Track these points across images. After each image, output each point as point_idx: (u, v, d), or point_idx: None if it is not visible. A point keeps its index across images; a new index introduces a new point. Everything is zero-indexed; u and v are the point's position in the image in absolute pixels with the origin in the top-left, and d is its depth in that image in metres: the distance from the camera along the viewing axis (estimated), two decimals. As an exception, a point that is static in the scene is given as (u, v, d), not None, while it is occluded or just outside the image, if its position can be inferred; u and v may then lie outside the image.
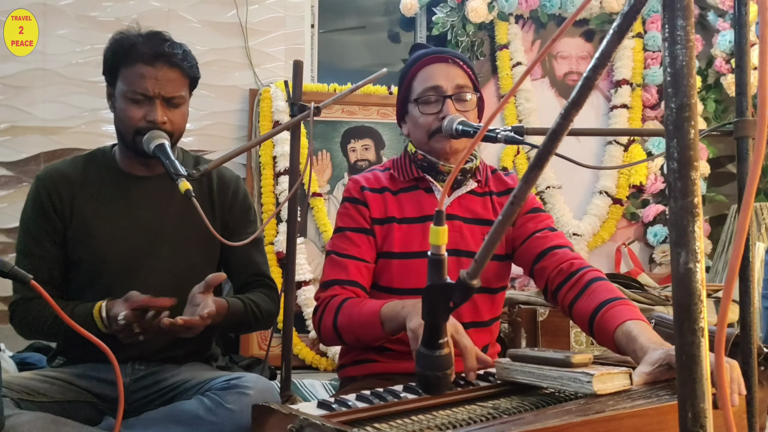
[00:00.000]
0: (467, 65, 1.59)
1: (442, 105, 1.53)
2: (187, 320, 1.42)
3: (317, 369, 3.00)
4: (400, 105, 1.65)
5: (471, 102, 1.56)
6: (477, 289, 1.55)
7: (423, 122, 1.55)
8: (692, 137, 0.65)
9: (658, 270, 3.46)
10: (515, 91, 0.82)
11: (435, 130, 1.53)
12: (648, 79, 3.54)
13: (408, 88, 1.60)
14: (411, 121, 1.60)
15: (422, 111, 1.55)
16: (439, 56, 1.58)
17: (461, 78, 1.55)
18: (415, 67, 1.59)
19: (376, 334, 1.38)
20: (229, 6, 3.31)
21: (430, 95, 1.54)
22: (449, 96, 1.53)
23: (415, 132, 1.59)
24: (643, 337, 1.20)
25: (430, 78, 1.55)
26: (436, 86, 1.54)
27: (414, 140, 1.60)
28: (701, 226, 0.65)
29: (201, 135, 3.26)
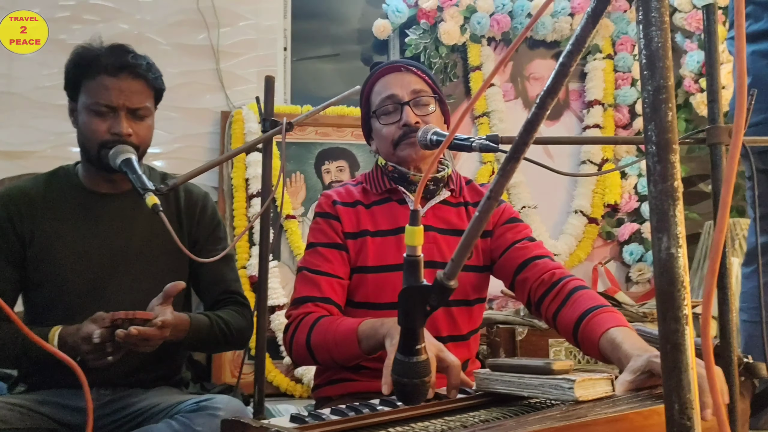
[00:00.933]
0: (422, 71, 1.58)
1: (401, 113, 1.52)
2: (142, 330, 1.36)
3: (292, 396, 2.92)
4: (364, 123, 1.64)
5: (431, 107, 1.54)
6: (454, 299, 1.53)
7: (386, 133, 1.54)
8: (670, 119, 0.63)
9: (634, 289, 3.47)
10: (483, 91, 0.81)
11: (398, 138, 1.51)
12: (619, 99, 3.59)
13: (367, 104, 1.60)
14: (376, 135, 1.59)
15: (383, 122, 1.54)
16: (391, 66, 1.58)
17: (417, 84, 1.54)
18: (371, 81, 1.59)
19: (353, 353, 1.34)
20: (200, 29, 3.29)
21: (387, 105, 1.53)
22: (406, 102, 1.52)
23: (381, 144, 1.57)
24: (628, 344, 1.18)
25: (385, 88, 1.55)
26: (391, 95, 1.53)
27: (382, 153, 1.59)
28: (682, 210, 0.63)
29: (172, 158, 3.20)
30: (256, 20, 3.37)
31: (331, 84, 3.69)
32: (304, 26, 3.61)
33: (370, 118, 1.59)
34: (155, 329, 1.36)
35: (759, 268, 1.83)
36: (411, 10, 3.50)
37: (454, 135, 0.85)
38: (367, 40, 3.70)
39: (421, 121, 1.51)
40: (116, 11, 3.25)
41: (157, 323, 1.37)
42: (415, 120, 1.50)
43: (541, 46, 3.68)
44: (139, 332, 1.34)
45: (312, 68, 3.66)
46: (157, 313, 1.41)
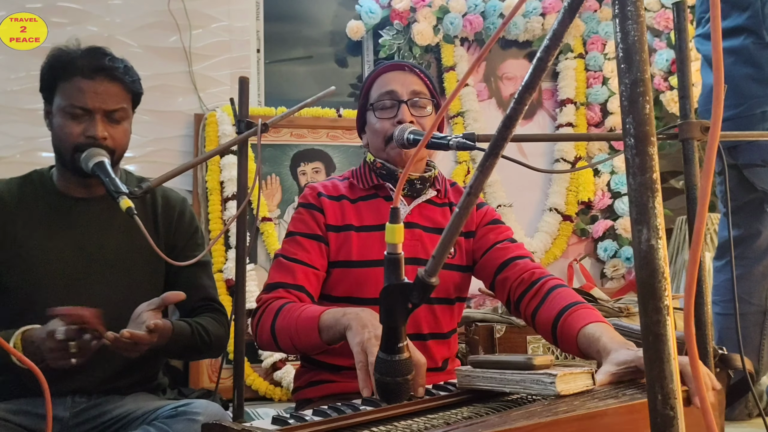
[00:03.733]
0: (425, 74, 1.59)
1: (397, 110, 1.52)
2: (134, 333, 1.32)
3: (271, 399, 2.90)
4: (360, 114, 1.64)
5: (427, 109, 1.55)
6: (437, 297, 1.53)
7: (379, 128, 1.54)
8: (647, 112, 0.63)
9: (609, 285, 3.51)
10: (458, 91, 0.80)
11: (391, 135, 1.52)
12: (591, 98, 3.63)
13: (366, 96, 1.60)
14: (369, 129, 1.59)
15: (378, 116, 1.54)
16: (396, 64, 1.60)
17: (417, 85, 1.55)
18: (373, 75, 1.60)
19: (313, 342, 1.30)
20: (172, 31, 3.25)
21: (385, 100, 1.54)
22: (404, 101, 1.52)
23: (373, 139, 1.57)
24: (606, 337, 1.18)
25: (386, 84, 1.55)
26: (391, 91, 1.54)
27: (372, 148, 1.59)
28: (660, 201, 0.64)
29: (145, 161, 3.16)
30: (229, 22, 3.35)
31: (304, 86, 3.68)
32: (276, 28, 3.59)
33: (367, 110, 1.59)
34: (146, 334, 1.34)
35: (732, 261, 1.86)
36: (384, 10, 3.50)
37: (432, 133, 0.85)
38: (340, 41, 3.70)
39: (416, 122, 1.52)
40: (85, 13, 3.20)
41: (149, 326, 1.34)
42: (410, 119, 1.51)
43: (514, 46, 3.71)
44: (131, 335, 1.31)
45: (285, 70, 3.65)
46: (146, 318, 1.38)
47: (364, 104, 1.60)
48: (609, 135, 2.21)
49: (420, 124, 1.52)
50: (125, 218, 1.34)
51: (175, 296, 1.44)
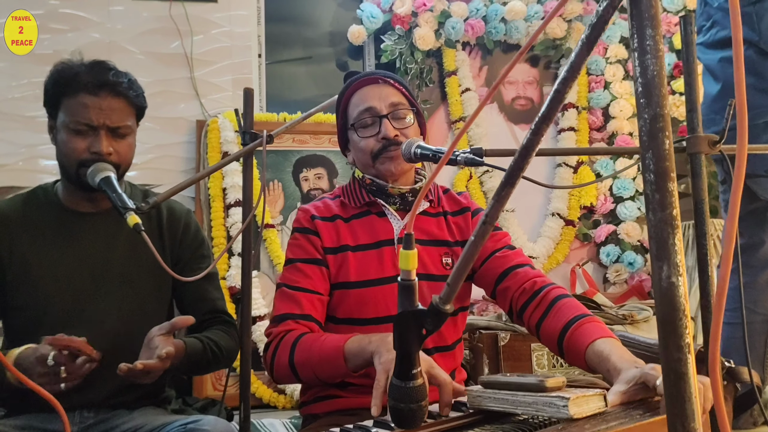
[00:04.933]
0: (399, 83, 1.57)
1: (379, 126, 1.51)
2: (147, 364, 1.32)
3: (275, 407, 2.89)
4: (341, 134, 1.62)
5: (409, 119, 1.54)
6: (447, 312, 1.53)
7: (364, 146, 1.52)
8: (667, 148, 0.63)
9: (612, 289, 3.50)
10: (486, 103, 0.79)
11: (377, 151, 1.51)
12: (593, 102, 3.63)
13: (344, 116, 1.58)
14: (353, 147, 1.57)
15: (361, 135, 1.53)
16: (368, 78, 1.56)
17: (394, 96, 1.54)
18: (347, 92, 1.57)
19: (339, 371, 1.32)
20: (173, 37, 3.25)
21: (365, 118, 1.52)
22: (385, 115, 1.51)
23: (359, 156, 1.56)
24: (615, 355, 1.18)
25: (362, 101, 1.53)
26: (369, 107, 1.52)
27: (359, 165, 1.58)
28: (681, 238, 0.64)
29: (147, 168, 3.16)
30: (230, 27, 3.34)
31: (304, 88, 3.68)
32: (276, 30, 3.59)
33: (347, 130, 1.58)
34: (159, 362, 1.33)
35: (739, 269, 1.86)
36: (385, 15, 3.49)
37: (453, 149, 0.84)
38: (340, 42, 3.70)
39: (400, 134, 1.51)
40: (86, 20, 3.19)
41: (161, 355, 1.33)
42: (394, 133, 1.50)
43: (515, 49, 3.70)
44: (144, 366, 1.31)
45: (285, 71, 3.65)
46: (158, 344, 1.37)
47: (344, 123, 1.58)
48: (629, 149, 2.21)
49: (404, 134, 1.51)
50: (131, 232, 1.34)
51: (185, 321, 1.44)
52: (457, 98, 3.50)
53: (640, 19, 0.64)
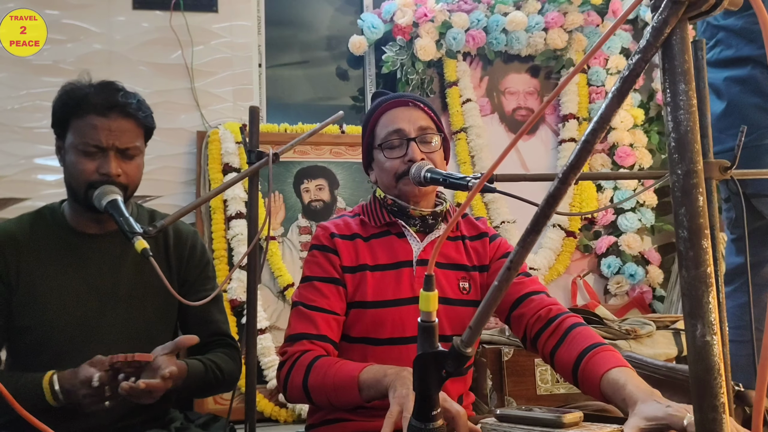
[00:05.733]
0: (428, 107, 1.59)
1: (406, 148, 1.51)
2: (149, 383, 1.32)
3: (277, 421, 2.88)
4: (366, 152, 1.63)
5: (436, 144, 1.55)
6: (454, 335, 1.53)
7: (389, 166, 1.53)
8: (701, 204, 0.63)
9: (613, 301, 3.51)
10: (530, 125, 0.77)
11: (402, 173, 1.51)
12: (593, 113, 3.63)
13: (371, 135, 1.59)
14: (378, 167, 1.58)
15: (387, 156, 1.53)
16: (399, 100, 1.58)
17: (423, 120, 1.55)
18: (377, 113, 1.58)
19: (352, 400, 1.32)
20: (174, 47, 3.23)
21: (393, 139, 1.53)
22: (413, 138, 1.51)
23: (383, 177, 1.56)
24: (631, 384, 1.18)
25: (392, 122, 1.54)
26: (398, 129, 1.53)
27: (382, 185, 1.58)
28: (715, 296, 0.63)
29: (147, 179, 3.06)
30: (231, 38, 3.33)
31: (302, 91, 3.69)
32: (275, 33, 3.59)
33: (374, 149, 1.58)
34: (161, 381, 1.33)
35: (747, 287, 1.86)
36: (386, 25, 3.49)
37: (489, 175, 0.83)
38: (336, 46, 3.70)
39: (426, 158, 1.51)
40: (86, 31, 3.17)
41: (164, 375, 1.33)
42: (421, 156, 1.51)
43: (516, 60, 3.70)
44: (147, 385, 1.31)
45: (283, 75, 3.65)
46: (160, 363, 1.37)
47: (371, 143, 1.59)
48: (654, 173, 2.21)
49: (430, 159, 1.52)
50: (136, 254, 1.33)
51: (189, 340, 1.44)
52: (458, 109, 3.50)
53: (673, 74, 0.64)
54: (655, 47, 0.64)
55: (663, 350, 2.48)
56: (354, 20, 3.64)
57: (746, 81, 1.97)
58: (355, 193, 3.28)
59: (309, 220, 3.20)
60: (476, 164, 3.46)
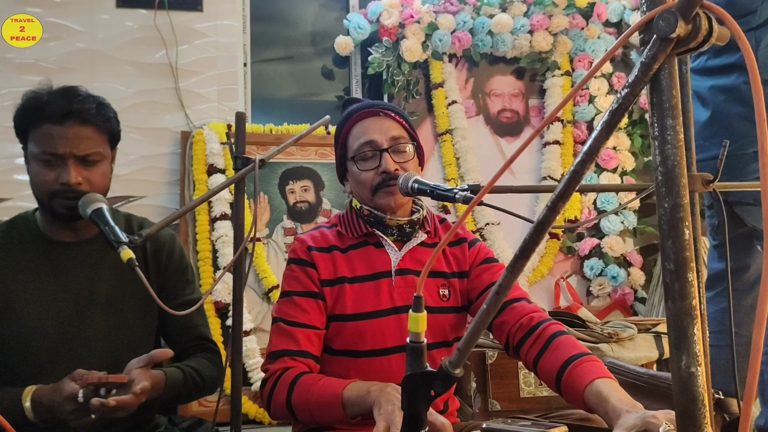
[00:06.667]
0: (400, 115, 1.57)
1: (380, 159, 1.51)
2: (120, 400, 1.32)
3: (261, 423, 2.88)
4: (339, 164, 1.62)
5: (409, 153, 1.55)
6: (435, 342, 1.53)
7: (364, 179, 1.53)
8: (687, 238, 0.64)
9: (595, 303, 3.54)
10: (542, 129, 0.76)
11: (378, 185, 1.51)
12: (578, 116, 3.65)
13: (344, 147, 1.58)
14: (352, 179, 1.57)
15: (361, 168, 1.53)
16: (370, 110, 1.56)
17: (395, 129, 1.54)
18: (348, 124, 1.57)
19: (337, 417, 1.33)
20: (158, 46, 3.20)
21: (366, 151, 1.52)
22: (385, 149, 1.51)
23: (358, 189, 1.56)
24: (614, 397, 1.19)
25: (363, 133, 1.53)
26: (370, 141, 1.52)
27: (358, 197, 1.58)
28: (700, 328, 0.64)
29: (130, 180, 3.11)
30: (216, 38, 3.30)
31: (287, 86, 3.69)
32: (259, 29, 3.58)
33: (347, 161, 1.58)
34: (133, 397, 1.32)
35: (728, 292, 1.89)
36: (372, 26, 3.48)
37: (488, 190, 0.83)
38: (320, 42, 3.70)
39: (400, 168, 1.51)
40: (69, 29, 3.13)
41: (136, 391, 1.32)
42: (395, 167, 1.50)
43: (501, 62, 3.71)
44: (117, 402, 1.30)
45: (268, 70, 3.64)
46: (135, 377, 1.36)
47: (343, 155, 1.58)
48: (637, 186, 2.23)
49: (404, 168, 1.52)
50: (114, 261, 1.32)
51: (163, 354, 1.43)
52: (444, 110, 3.51)
53: (661, 109, 0.65)
54: (644, 82, 0.65)
55: (644, 353, 2.51)
56: (339, 17, 3.64)
57: (731, 90, 1.99)
58: (341, 195, 3.28)
59: (294, 222, 3.20)
60: (461, 166, 3.47)
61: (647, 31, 0.65)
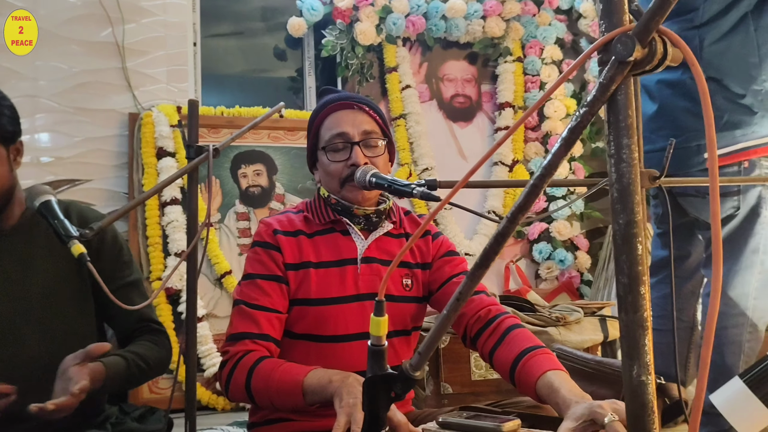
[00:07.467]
0: (374, 110, 1.58)
1: (350, 152, 1.51)
2: (59, 403, 1.27)
3: (214, 409, 2.87)
4: (310, 153, 1.62)
5: (380, 148, 1.55)
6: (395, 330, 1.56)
7: (333, 169, 1.53)
8: (640, 253, 0.67)
9: (543, 285, 3.64)
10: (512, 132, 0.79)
11: (346, 177, 1.51)
12: (529, 102, 3.71)
13: (316, 136, 1.58)
14: (322, 169, 1.57)
15: (331, 159, 1.53)
16: (345, 102, 1.56)
17: (368, 124, 1.54)
18: (322, 114, 1.57)
19: (296, 404, 1.33)
20: (104, 24, 3.09)
21: (337, 143, 1.52)
22: (356, 142, 1.51)
23: (327, 180, 1.56)
24: (565, 389, 1.24)
25: (336, 125, 1.53)
26: (342, 132, 1.52)
27: (326, 187, 1.58)
28: (651, 338, 0.68)
29: (76, 162, 3.02)
30: (164, 17, 3.21)
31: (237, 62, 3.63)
32: (209, 3, 3.50)
33: (318, 150, 1.57)
34: (71, 398, 1.29)
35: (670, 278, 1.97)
36: (326, 7, 3.45)
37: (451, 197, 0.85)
38: (270, 17, 3.64)
39: (370, 162, 1.52)
40: (10, 5, 2.99)
41: (74, 392, 1.29)
42: (364, 161, 1.51)
43: (455, 47, 3.73)
44: (56, 406, 1.27)
45: (218, 45, 3.57)
46: (72, 375, 1.33)
47: (315, 144, 1.58)
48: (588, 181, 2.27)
49: (374, 163, 1.52)
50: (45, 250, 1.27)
51: (100, 348, 1.38)
52: (398, 95, 3.51)
53: (617, 128, 0.67)
54: (602, 102, 0.67)
55: (590, 336, 2.60)
56: (294, 4, 3.58)
57: (677, 85, 2.05)
58: (294, 179, 3.26)
59: (247, 206, 3.16)
60: (415, 150, 3.49)
61: (605, 52, 0.67)
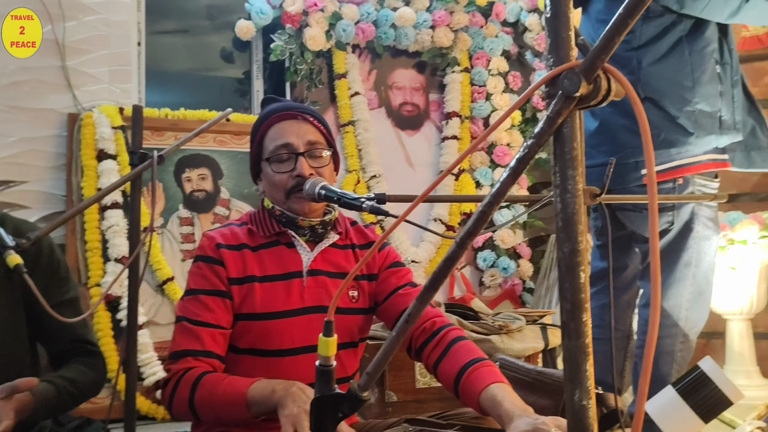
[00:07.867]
0: (319, 120, 1.58)
1: (295, 163, 1.51)
2: None
3: (154, 419, 2.80)
4: (253, 163, 1.60)
5: (325, 158, 1.55)
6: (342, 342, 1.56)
7: (278, 181, 1.52)
8: (583, 281, 0.69)
9: (487, 293, 3.70)
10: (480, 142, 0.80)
11: (291, 188, 1.51)
12: (475, 112, 3.77)
13: (260, 146, 1.56)
14: (266, 180, 1.56)
15: (275, 170, 1.52)
16: (288, 113, 1.55)
17: (313, 134, 1.54)
18: (265, 124, 1.56)
19: (241, 417, 1.32)
20: (43, 21, 2.97)
21: (282, 153, 1.51)
22: (302, 153, 1.51)
23: (272, 191, 1.55)
24: (507, 402, 1.27)
25: (280, 135, 1.52)
26: (287, 143, 1.51)
27: (271, 198, 1.56)
28: (592, 364, 0.70)
29: (10, 163, 2.90)
30: (107, 15, 3.12)
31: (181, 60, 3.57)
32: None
33: (262, 161, 1.56)
34: None
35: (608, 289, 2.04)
36: (275, 11, 3.42)
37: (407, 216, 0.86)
38: (218, 16, 3.60)
39: (315, 173, 1.51)
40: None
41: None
42: (310, 172, 1.50)
43: (404, 55, 3.76)
44: None
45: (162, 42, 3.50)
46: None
47: (259, 154, 1.57)
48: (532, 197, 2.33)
49: (319, 173, 1.52)
50: None
51: (27, 383, 1.34)
52: (347, 101, 3.51)
53: (563, 160, 0.69)
54: (549, 134, 0.70)
55: (531, 344, 2.65)
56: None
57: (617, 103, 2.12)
58: (240, 184, 3.22)
59: (191, 211, 3.11)
60: (363, 158, 3.50)
61: (552, 86, 0.69)
